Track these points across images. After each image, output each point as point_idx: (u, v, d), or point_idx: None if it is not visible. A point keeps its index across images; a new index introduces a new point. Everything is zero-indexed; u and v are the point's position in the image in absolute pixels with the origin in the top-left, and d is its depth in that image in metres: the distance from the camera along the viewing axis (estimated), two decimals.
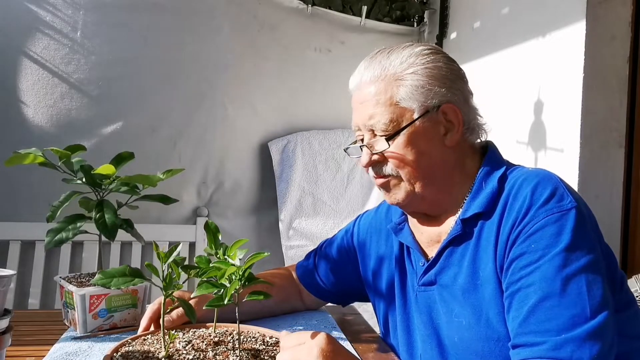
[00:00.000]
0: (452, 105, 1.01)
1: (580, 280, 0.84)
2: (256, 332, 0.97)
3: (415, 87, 0.99)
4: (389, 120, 0.99)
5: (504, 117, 2.11)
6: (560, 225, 0.87)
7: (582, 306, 0.82)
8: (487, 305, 0.94)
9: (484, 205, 0.97)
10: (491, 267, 0.94)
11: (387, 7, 2.80)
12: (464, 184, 1.03)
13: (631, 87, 1.79)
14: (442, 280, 1.02)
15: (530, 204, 0.91)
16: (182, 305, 0.89)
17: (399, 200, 1.04)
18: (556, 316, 0.82)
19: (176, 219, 2.50)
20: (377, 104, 1.00)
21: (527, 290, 0.86)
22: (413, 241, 1.09)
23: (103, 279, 0.87)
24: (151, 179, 1.16)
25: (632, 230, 1.80)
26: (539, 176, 0.94)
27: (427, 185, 1.01)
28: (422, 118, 0.99)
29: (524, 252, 0.89)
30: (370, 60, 1.05)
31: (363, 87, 1.03)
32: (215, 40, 2.47)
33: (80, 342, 1.08)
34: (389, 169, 1.02)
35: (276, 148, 2.58)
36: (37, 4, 2.28)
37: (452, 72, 1.02)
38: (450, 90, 1.01)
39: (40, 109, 2.31)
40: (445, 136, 1.01)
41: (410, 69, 1.00)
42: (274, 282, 1.24)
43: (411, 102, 0.99)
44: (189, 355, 0.85)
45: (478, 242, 0.97)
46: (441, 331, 1.02)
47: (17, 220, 2.29)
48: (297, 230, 2.55)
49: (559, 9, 1.82)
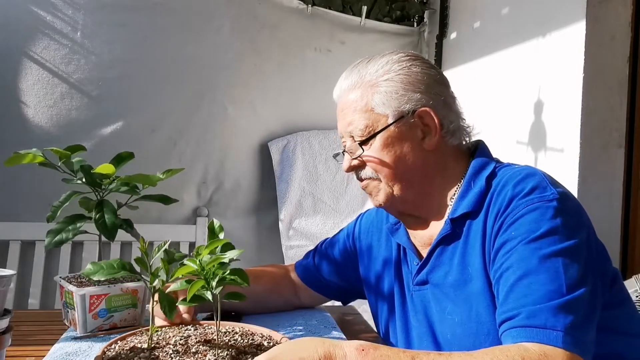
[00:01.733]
0: (428, 110, 1.02)
1: (557, 261, 0.85)
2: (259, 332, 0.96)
3: (389, 93, 1.02)
4: (364, 126, 1.03)
5: (504, 117, 2.11)
6: (540, 213, 0.89)
7: (558, 283, 0.83)
8: (476, 300, 0.96)
9: (472, 205, 0.99)
10: (479, 263, 0.96)
11: (387, 7, 2.80)
12: (446, 187, 1.05)
13: (631, 87, 1.79)
14: (433, 279, 1.04)
15: (513, 196, 0.93)
16: (161, 300, 0.89)
17: (380, 203, 1.07)
18: (532, 292, 0.84)
19: (176, 219, 2.51)
20: (355, 111, 1.04)
21: (507, 273, 0.88)
22: (408, 241, 1.11)
23: (91, 270, 0.89)
24: (151, 179, 1.16)
25: (632, 230, 1.80)
26: (523, 172, 0.96)
27: (406, 187, 1.04)
28: (397, 123, 1.02)
29: (506, 240, 0.91)
30: (350, 69, 1.08)
31: (343, 96, 1.07)
32: (215, 40, 2.47)
33: (80, 342, 1.08)
34: (369, 173, 1.06)
35: (276, 148, 2.58)
36: (37, 5, 2.28)
37: (429, 77, 1.04)
38: (426, 94, 1.03)
39: (40, 109, 2.31)
40: (423, 140, 1.03)
41: (385, 76, 1.03)
42: (263, 272, 1.30)
43: (385, 108, 1.02)
44: (169, 349, 0.85)
45: (467, 240, 0.99)
46: (435, 329, 1.04)
47: (17, 220, 2.30)
48: (297, 230, 2.56)
49: (559, 9, 1.82)
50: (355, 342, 0.80)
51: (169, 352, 0.84)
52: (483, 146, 1.09)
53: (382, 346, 0.80)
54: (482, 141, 1.11)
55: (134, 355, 0.83)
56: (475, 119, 1.14)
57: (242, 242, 2.47)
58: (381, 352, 0.78)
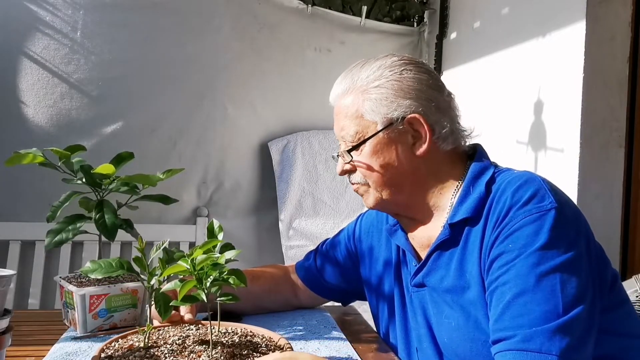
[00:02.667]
0: (418, 116, 1.01)
1: (554, 278, 0.85)
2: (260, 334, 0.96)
3: (378, 100, 1.02)
4: (355, 132, 1.04)
5: (504, 117, 2.11)
6: (538, 225, 0.88)
7: (554, 303, 0.83)
8: (474, 308, 0.95)
9: (472, 210, 0.98)
10: (477, 270, 0.95)
11: (387, 7, 2.80)
12: (443, 191, 1.05)
13: (631, 87, 1.79)
14: (429, 282, 1.04)
15: (511, 205, 0.92)
16: (156, 300, 0.89)
17: (370, 205, 1.09)
18: (528, 312, 0.83)
19: (176, 219, 2.51)
20: (346, 116, 1.05)
21: (503, 288, 0.88)
22: (406, 243, 1.11)
23: (90, 268, 0.90)
24: (151, 179, 1.16)
25: (632, 230, 1.80)
26: (521, 179, 0.95)
27: (395, 192, 1.05)
28: (386, 130, 1.02)
29: (502, 252, 0.90)
30: (345, 73, 1.08)
31: (337, 100, 1.08)
32: (215, 40, 2.47)
33: (80, 342, 1.08)
34: (358, 177, 1.07)
35: (276, 148, 2.58)
36: (37, 4, 2.28)
37: (421, 83, 1.03)
38: (417, 100, 1.02)
39: (40, 109, 2.31)
40: (414, 146, 1.03)
41: (375, 82, 1.03)
42: (263, 273, 1.30)
43: (374, 115, 1.02)
44: (165, 349, 0.85)
45: (465, 246, 0.99)
46: (434, 331, 1.04)
47: (17, 220, 2.30)
48: (297, 230, 2.56)
49: (559, 9, 1.82)
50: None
51: (165, 352, 0.85)
52: (481, 150, 1.08)
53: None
54: (479, 145, 1.10)
55: (130, 354, 0.84)
56: (475, 119, 1.14)
57: (242, 243, 2.48)
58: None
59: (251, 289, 1.18)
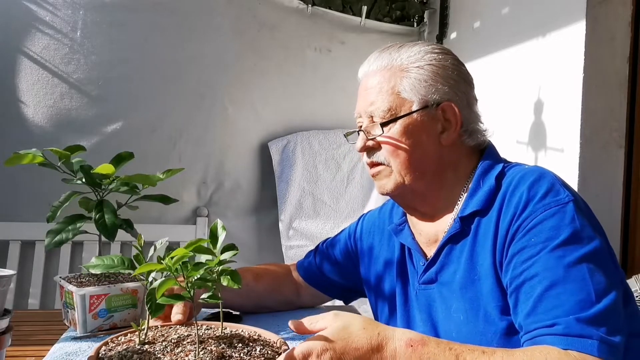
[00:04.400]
0: (452, 105, 1.02)
1: (582, 268, 0.85)
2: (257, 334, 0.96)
3: (418, 80, 1.01)
4: (387, 108, 1.02)
5: (504, 117, 2.11)
6: (558, 218, 0.89)
7: (587, 292, 0.83)
8: (485, 300, 0.95)
9: (482, 203, 0.98)
10: (489, 263, 0.95)
11: (387, 7, 2.80)
12: (456, 184, 1.05)
13: (631, 87, 1.79)
14: (442, 277, 1.04)
15: (528, 199, 0.92)
16: (147, 299, 0.89)
17: (387, 191, 1.06)
18: (562, 303, 0.83)
19: (176, 219, 2.51)
20: (380, 91, 1.03)
21: (531, 282, 0.87)
22: (413, 241, 1.10)
23: (92, 263, 0.90)
24: (151, 179, 1.16)
25: (632, 230, 1.80)
26: (535, 173, 0.96)
27: (417, 178, 1.03)
28: (421, 111, 1.02)
29: (524, 246, 0.90)
30: (381, 51, 1.08)
31: (370, 75, 1.07)
32: (215, 40, 2.47)
33: (80, 342, 1.08)
34: (382, 157, 1.04)
35: (276, 148, 2.58)
36: (37, 4, 2.28)
37: (459, 74, 1.05)
38: (453, 89, 1.03)
39: (40, 109, 2.31)
40: (442, 134, 1.03)
41: (416, 63, 1.03)
42: (265, 271, 1.30)
43: (412, 95, 1.01)
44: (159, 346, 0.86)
45: (475, 239, 0.99)
46: (439, 327, 1.03)
47: (17, 220, 2.30)
48: (297, 230, 2.56)
49: (559, 9, 1.82)
50: (405, 335, 0.81)
51: (157, 349, 0.85)
52: (492, 148, 1.09)
53: (431, 340, 0.81)
54: (490, 142, 1.11)
55: (125, 351, 0.84)
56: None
57: (242, 242, 2.47)
58: (428, 348, 0.80)
59: (254, 288, 1.18)
